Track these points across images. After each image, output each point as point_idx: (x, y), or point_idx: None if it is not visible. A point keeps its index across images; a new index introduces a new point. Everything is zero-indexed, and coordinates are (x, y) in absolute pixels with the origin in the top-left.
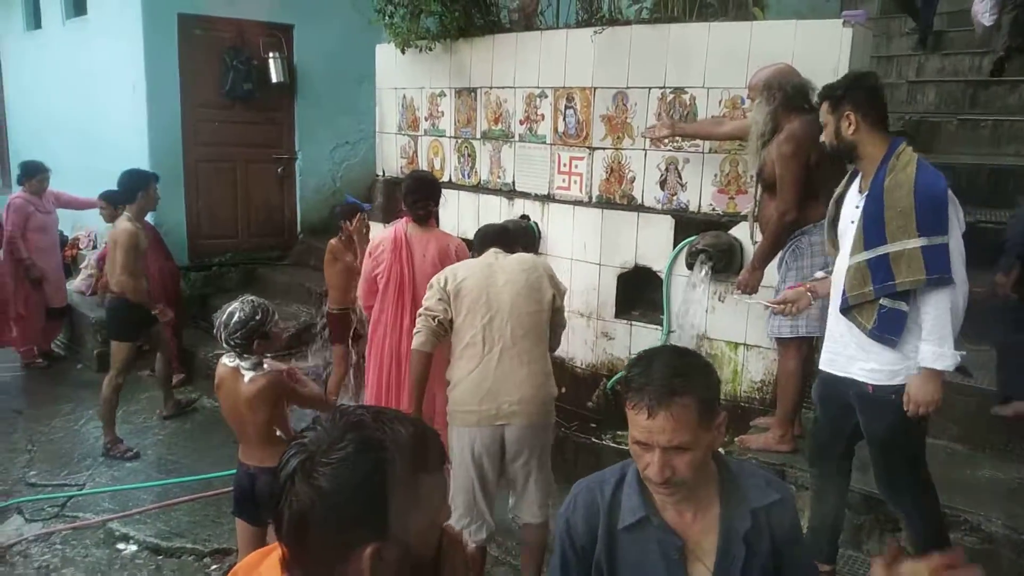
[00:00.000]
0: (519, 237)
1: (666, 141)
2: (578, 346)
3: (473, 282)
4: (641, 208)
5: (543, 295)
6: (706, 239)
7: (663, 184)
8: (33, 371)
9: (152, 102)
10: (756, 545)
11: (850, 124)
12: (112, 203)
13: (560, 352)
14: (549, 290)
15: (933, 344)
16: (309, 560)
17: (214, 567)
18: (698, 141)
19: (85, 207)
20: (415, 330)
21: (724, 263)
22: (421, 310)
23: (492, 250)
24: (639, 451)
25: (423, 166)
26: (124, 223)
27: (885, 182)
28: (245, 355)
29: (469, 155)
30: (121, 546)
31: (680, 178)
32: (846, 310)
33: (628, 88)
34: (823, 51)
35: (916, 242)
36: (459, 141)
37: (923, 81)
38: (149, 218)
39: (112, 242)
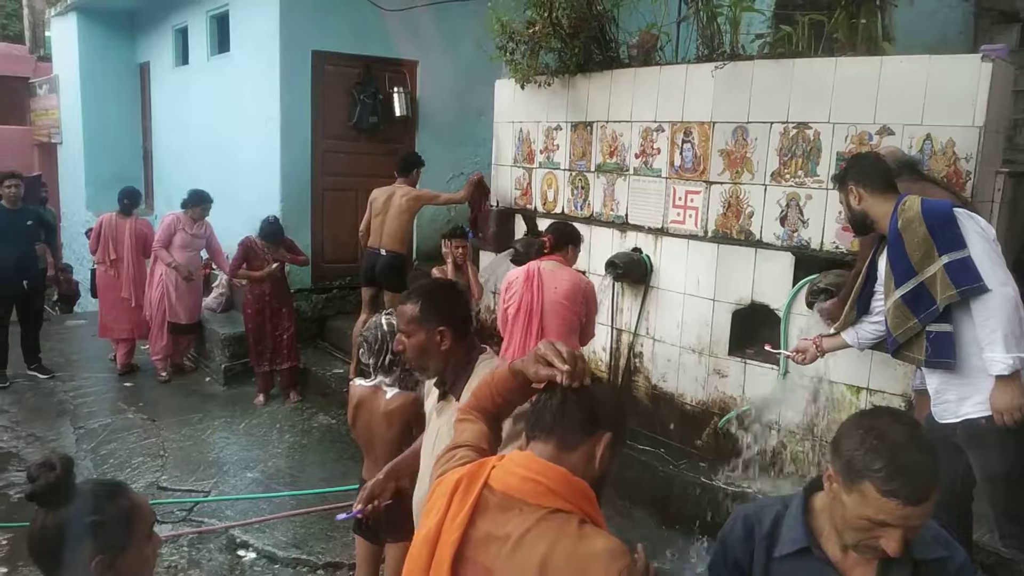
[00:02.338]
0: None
1: (788, 179)
2: (688, 382)
3: None
4: (759, 244)
5: None
6: (828, 278)
7: (783, 220)
8: (165, 382)
9: (285, 134)
10: None
11: (856, 197)
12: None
13: (669, 388)
14: None
15: (990, 351)
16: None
17: None
18: (821, 176)
19: (216, 256)
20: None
21: None
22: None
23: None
24: (870, 527)
25: (537, 198)
26: None
27: (898, 224)
28: (388, 371)
29: (583, 187)
30: (241, 552)
31: (802, 214)
32: (896, 352)
33: (748, 123)
34: (960, 87)
35: (940, 262)
36: (573, 174)
37: None
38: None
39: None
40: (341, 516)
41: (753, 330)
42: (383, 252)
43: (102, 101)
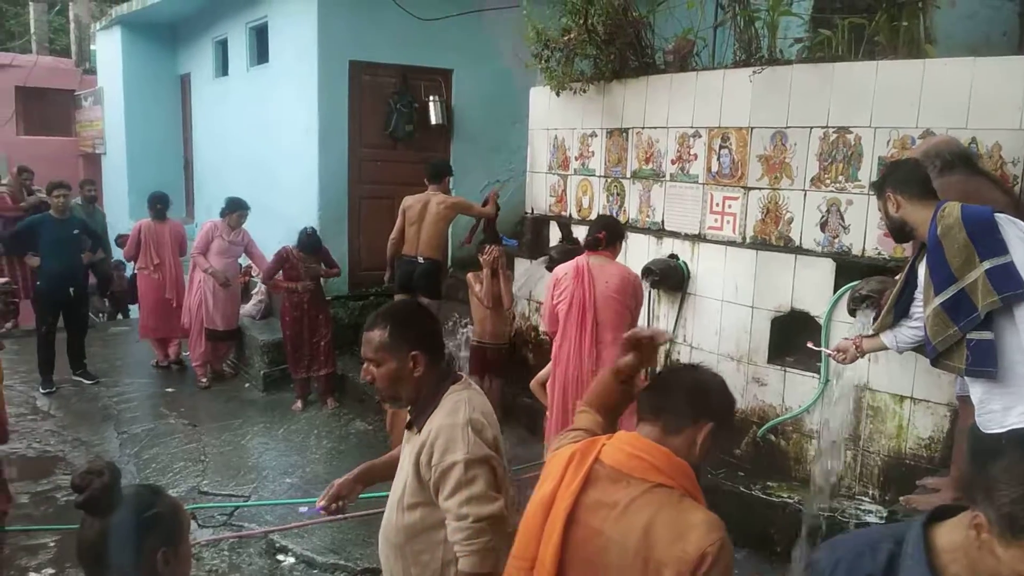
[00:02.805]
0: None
1: (828, 184)
2: None
3: (495, 431)
4: (799, 250)
5: None
6: (871, 284)
7: (824, 226)
8: (205, 388)
9: (323, 143)
10: None
11: (894, 204)
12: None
13: None
14: None
15: None
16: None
17: None
18: (863, 181)
19: (259, 262)
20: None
21: None
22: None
23: (468, 380)
24: None
25: (572, 205)
26: None
27: (937, 231)
28: None
29: (618, 194)
30: (280, 557)
31: (843, 220)
32: (935, 360)
33: (787, 128)
34: (1006, 90)
35: (981, 268)
36: (608, 180)
37: None
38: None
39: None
40: (304, 510)
41: (793, 338)
42: (420, 259)
43: (144, 112)
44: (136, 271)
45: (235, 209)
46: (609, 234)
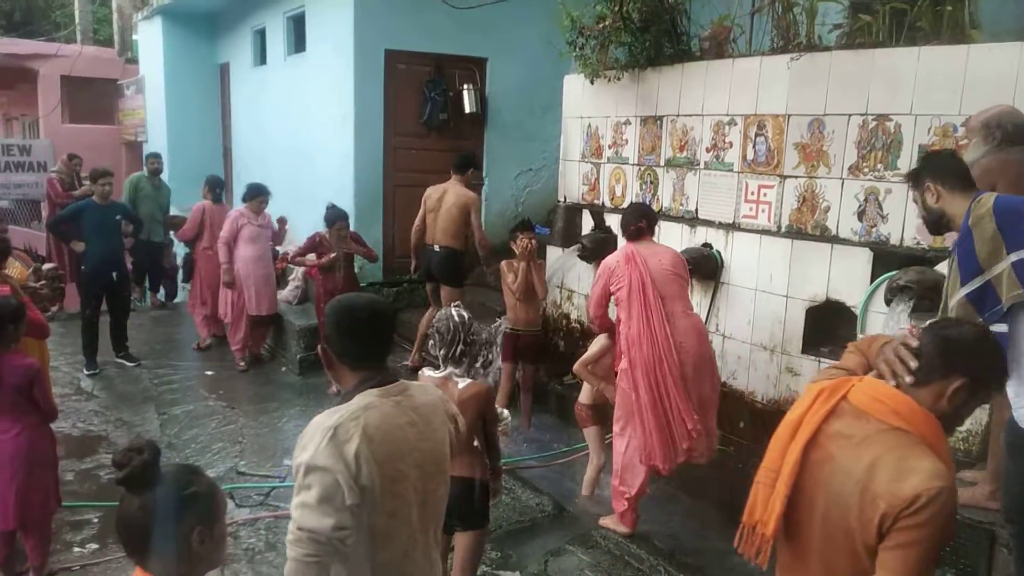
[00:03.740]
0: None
1: (866, 172)
2: (759, 380)
3: (386, 450)
4: (835, 239)
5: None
6: (909, 274)
7: (861, 215)
8: (244, 371)
9: (359, 132)
10: None
11: (933, 194)
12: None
13: (739, 385)
14: (450, 432)
15: None
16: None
17: None
18: (902, 170)
19: (278, 236)
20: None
21: (929, 301)
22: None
23: (395, 387)
24: None
25: (605, 193)
26: None
27: (969, 221)
28: (458, 362)
29: (651, 182)
30: None
31: (881, 209)
32: None
33: (825, 115)
34: None
35: (1008, 260)
36: (642, 168)
37: None
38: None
39: None
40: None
41: (828, 328)
42: (436, 248)
43: (185, 101)
44: (201, 251)
45: (257, 195)
46: (649, 221)
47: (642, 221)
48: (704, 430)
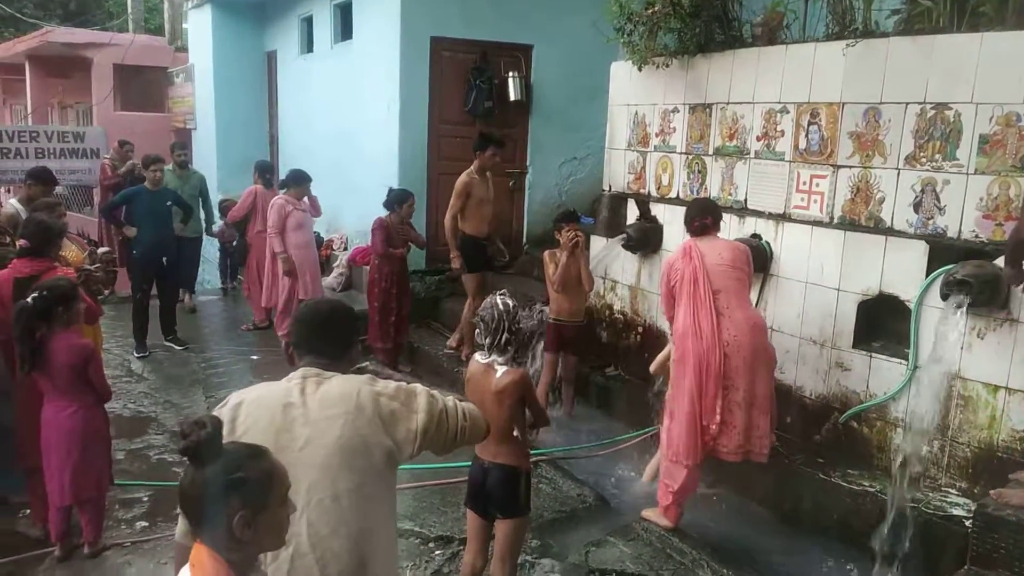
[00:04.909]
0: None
1: (923, 163)
2: (808, 375)
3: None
4: (890, 232)
5: (372, 452)
6: (967, 268)
7: (917, 207)
8: (290, 356)
9: (404, 119)
10: None
11: None
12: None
13: (787, 380)
14: (383, 437)
15: None
16: None
17: (437, 552)
18: (961, 160)
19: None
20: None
21: (987, 296)
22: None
23: (300, 371)
24: None
25: (651, 182)
26: None
27: None
28: (503, 350)
29: (699, 171)
30: None
31: (938, 200)
32: None
33: (881, 104)
34: None
35: None
36: (690, 157)
37: None
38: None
39: None
40: None
41: (880, 322)
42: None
43: (233, 88)
44: (255, 234)
45: (299, 182)
46: (714, 218)
47: (707, 218)
48: (758, 428)
